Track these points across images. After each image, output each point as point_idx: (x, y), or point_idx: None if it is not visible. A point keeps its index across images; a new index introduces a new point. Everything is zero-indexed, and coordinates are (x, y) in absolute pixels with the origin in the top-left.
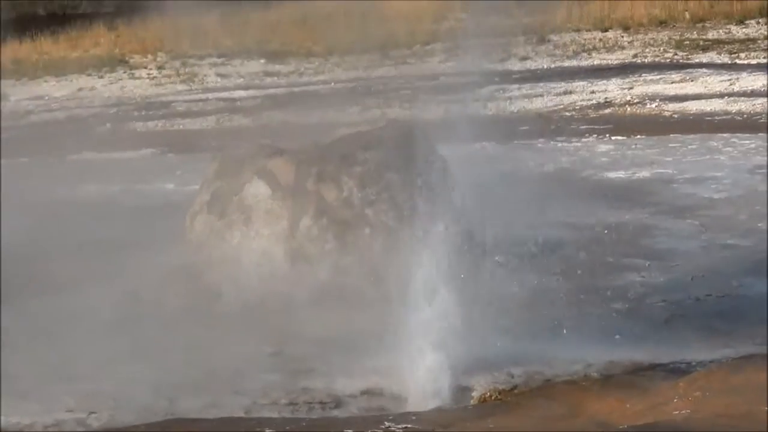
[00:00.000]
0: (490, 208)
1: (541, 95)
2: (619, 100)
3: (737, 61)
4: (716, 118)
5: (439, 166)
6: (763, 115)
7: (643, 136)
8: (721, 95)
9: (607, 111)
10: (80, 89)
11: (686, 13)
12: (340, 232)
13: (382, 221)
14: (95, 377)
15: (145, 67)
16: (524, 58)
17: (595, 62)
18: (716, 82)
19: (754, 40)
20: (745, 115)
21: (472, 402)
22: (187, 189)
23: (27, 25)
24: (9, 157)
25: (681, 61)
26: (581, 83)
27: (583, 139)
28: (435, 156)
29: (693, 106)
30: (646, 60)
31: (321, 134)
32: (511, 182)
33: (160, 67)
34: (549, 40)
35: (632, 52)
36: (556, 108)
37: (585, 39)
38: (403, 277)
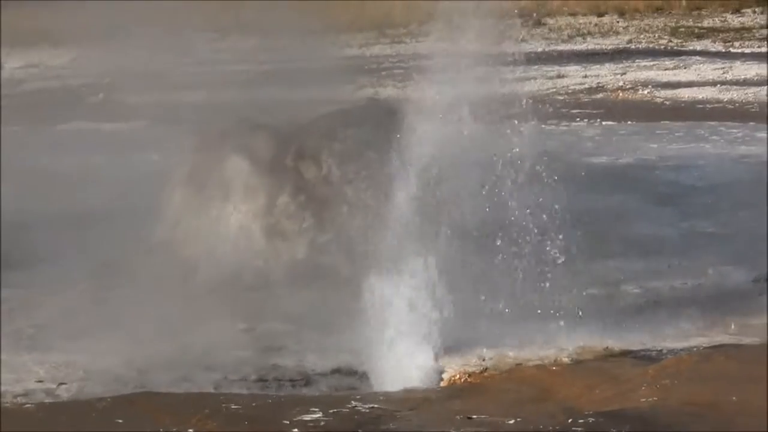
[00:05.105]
0: (465, 188)
1: (534, 78)
2: (611, 85)
3: (731, 49)
4: (708, 106)
5: (417, 145)
6: (755, 104)
7: (633, 122)
8: (713, 83)
9: (599, 96)
10: (75, 59)
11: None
12: (317, 210)
13: (360, 199)
14: (67, 348)
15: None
16: (520, 41)
17: (590, 47)
18: (709, 70)
19: (749, 29)
20: (736, 104)
21: (441, 384)
22: (170, 161)
23: None
24: None
25: (675, 48)
26: (575, 67)
27: (573, 124)
28: (415, 135)
29: (685, 94)
30: (640, 46)
31: (309, 111)
32: (490, 164)
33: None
34: (545, 24)
35: (627, 37)
36: (548, 92)
37: (580, 23)
38: (378, 256)
